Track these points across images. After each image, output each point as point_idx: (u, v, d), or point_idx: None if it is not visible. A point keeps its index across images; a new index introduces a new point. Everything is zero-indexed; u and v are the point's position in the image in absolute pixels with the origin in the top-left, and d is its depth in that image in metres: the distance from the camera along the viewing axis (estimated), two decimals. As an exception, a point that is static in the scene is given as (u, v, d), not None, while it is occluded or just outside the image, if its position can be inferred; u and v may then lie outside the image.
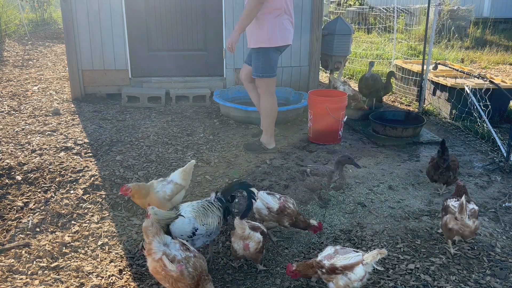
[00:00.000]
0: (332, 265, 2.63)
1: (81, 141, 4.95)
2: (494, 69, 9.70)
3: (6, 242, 3.29)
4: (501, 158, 4.83)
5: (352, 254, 2.65)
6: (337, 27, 6.65)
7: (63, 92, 6.96)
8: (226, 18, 6.57)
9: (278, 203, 3.27)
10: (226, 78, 6.84)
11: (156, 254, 2.50)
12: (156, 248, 2.52)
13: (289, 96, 6.53)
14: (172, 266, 2.46)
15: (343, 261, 2.63)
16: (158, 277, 2.56)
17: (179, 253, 2.54)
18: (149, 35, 6.67)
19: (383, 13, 14.03)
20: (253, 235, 2.91)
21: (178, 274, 2.46)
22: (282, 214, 3.25)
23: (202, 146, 5.05)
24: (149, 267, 2.57)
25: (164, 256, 2.49)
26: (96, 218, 3.61)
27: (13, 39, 11.45)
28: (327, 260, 2.66)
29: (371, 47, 11.21)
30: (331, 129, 5.25)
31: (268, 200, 3.29)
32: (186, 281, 2.48)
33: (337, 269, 2.61)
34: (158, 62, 6.77)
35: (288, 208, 3.26)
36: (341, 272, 2.61)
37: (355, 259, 2.61)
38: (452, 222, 3.08)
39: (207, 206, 3.05)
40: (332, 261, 2.64)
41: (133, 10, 6.50)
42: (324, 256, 2.70)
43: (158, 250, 2.51)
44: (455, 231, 3.09)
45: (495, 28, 13.65)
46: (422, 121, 5.59)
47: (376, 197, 4.02)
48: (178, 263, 2.48)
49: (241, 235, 2.91)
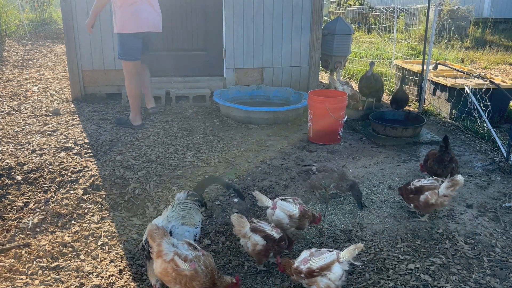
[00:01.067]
0: (309, 269, 2.63)
1: (81, 141, 4.95)
2: (494, 69, 9.70)
3: (6, 242, 3.29)
4: (501, 158, 4.83)
5: (326, 254, 2.65)
6: (337, 27, 6.66)
7: (63, 92, 6.96)
8: (226, 18, 6.57)
9: (298, 208, 3.21)
10: (226, 78, 6.84)
11: (167, 255, 2.47)
12: (166, 249, 2.48)
13: (289, 96, 6.53)
14: (185, 265, 2.45)
15: (319, 262, 2.63)
16: (167, 279, 2.51)
17: (189, 252, 2.53)
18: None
19: (383, 13, 14.03)
20: (252, 236, 2.90)
21: (192, 272, 2.46)
22: (304, 218, 3.21)
23: (202, 146, 5.05)
24: (157, 270, 2.52)
25: (176, 256, 2.47)
26: (96, 218, 3.61)
27: (13, 39, 11.45)
28: (303, 264, 2.66)
29: (371, 47, 11.21)
30: (331, 129, 5.25)
31: (289, 208, 3.21)
32: (201, 278, 2.47)
33: (315, 272, 2.61)
34: (158, 62, 6.77)
35: (308, 211, 3.25)
36: (319, 274, 2.61)
37: (330, 258, 2.62)
38: (434, 198, 3.48)
39: (186, 207, 2.96)
40: (309, 265, 2.64)
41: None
42: (300, 260, 2.71)
43: (169, 251, 2.48)
44: (434, 205, 3.53)
45: (495, 28, 13.65)
46: (422, 121, 5.59)
47: (376, 197, 4.02)
48: (190, 262, 2.48)
49: (238, 232, 2.92)
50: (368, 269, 3.05)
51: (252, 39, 6.71)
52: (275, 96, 6.63)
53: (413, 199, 3.61)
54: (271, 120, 5.83)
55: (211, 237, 3.37)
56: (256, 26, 6.67)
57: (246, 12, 6.58)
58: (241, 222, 2.93)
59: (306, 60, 6.93)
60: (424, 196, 3.52)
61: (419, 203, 3.57)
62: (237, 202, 3.87)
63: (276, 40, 6.77)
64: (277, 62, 6.88)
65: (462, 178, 3.46)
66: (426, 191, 3.53)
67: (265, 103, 6.50)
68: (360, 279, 2.95)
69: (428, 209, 3.57)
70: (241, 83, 6.86)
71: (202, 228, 3.47)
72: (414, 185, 3.63)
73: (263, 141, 5.29)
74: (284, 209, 3.21)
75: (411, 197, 3.63)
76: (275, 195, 4.00)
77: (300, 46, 6.83)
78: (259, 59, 6.82)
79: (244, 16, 6.59)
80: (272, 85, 6.87)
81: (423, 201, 3.53)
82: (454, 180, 3.46)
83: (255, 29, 6.68)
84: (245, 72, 6.86)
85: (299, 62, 6.93)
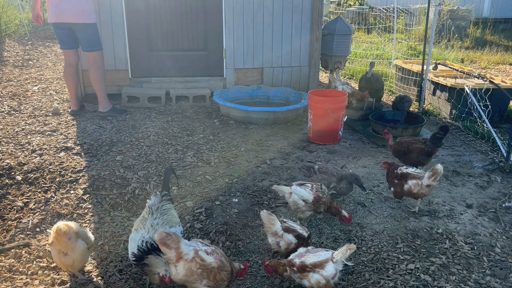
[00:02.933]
0: (302, 263, 2.66)
1: (81, 141, 4.95)
2: (494, 69, 9.70)
3: (6, 242, 3.29)
4: (501, 158, 4.83)
5: (322, 252, 2.69)
6: (337, 27, 6.66)
7: (63, 92, 6.96)
8: (226, 18, 6.57)
9: (312, 194, 3.37)
10: (226, 78, 6.84)
11: (188, 254, 2.49)
12: (186, 249, 2.50)
13: (289, 96, 6.53)
14: (210, 258, 2.49)
15: (313, 258, 2.66)
16: (192, 278, 2.49)
17: (206, 247, 2.56)
18: (149, 35, 6.67)
19: (383, 13, 14.03)
20: (285, 236, 2.94)
21: (219, 263, 2.49)
22: (318, 203, 3.37)
23: (202, 146, 5.05)
24: (180, 273, 2.49)
25: (200, 251, 2.50)
26: (96, 218, 3.61)
27: (13, 39, 11.45)
28: (298, 258, 2.70)
29: (371, 47, 11.21)
30: (331, 129, 5.25)
31: (303, 193, 3.37)
32: (227, 268, 2.51)
33: (307, 267, 2.65)
34: (158, 62, 6.77)
35: (322, 197, 3.37)
36: (311, 270, 2.65)
37: (325, 257, 2.65)
38: (417, 188, 3.62)
39: (165, 209, 2.96)
40: (303, 259, 2.68)
41: (133, 10, 6.50)
42: (296, 255, 2.75)
43: (188, 250, 2.50)
44: (415, 194, 3.66)
45: (495, 28, 13.65)
46: (422, 121, 5.59)
47: (376, 197, 4.02)
48: (211, 254, 2.51)
49: (270, 230, 2.94)
50: (368, 269, 3.05)
51: (252, 39, 6.71)
52: (275, 96, 6.64)
53: (397, 184, 3.75)
54: (271, 120, 5.83)
55: (211, 237, 3.37)
56: (256, 26, 6.67)
57: (246, 12, 6.58)
58: (270, 219, 2.95)
59: (306, 60, 6.93)
60: (407, 186, 3.67)
61: (402, 190, 3.71)
62: (237, 202, 3.87)
63: (276, 40, 6.77)
64: (277, 62, 6.88)
65: (442, 167, 3.59)
66: (411, 179, 3.66)
67: (265, 103, 6.51)
68: (360, 279, 2.95)
69: (409, 196, 3.75)
70: (241, 83, 6.86)
71: (202, 228, 3.48)
72: (401, 170, 3.75)
73: (263, 141, 5.29)
74: (298, 194, 3.38)
75: (395, 182, 3.77)
76: (275, 195, 4.01)
77: (300, 46, 6.83)
78: (259, 59, 6.82)
79: (244, 16, 6.59)
80: (272, 85, 6.87)
81: (407, 190, 3.69)
82: (434, 169, 3.59)
83: (255, 29, 6.68)
84: (245, 72, 6.86)
85: (299, 62, 6.93)
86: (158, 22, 6.64)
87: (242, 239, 3.37)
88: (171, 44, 6.79)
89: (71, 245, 2.71)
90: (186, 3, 6.64)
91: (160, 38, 6.74)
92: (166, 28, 6.71)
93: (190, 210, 3.71)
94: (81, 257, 2.78)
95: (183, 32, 6.78)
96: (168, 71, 6.81)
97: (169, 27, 6.70)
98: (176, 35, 6.78)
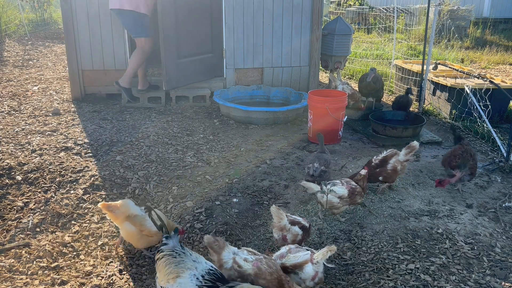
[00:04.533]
0: (283, 265, 2.66)
1: (81, 141, 4.95)
2: (494, 69, 9.70)
3: (6, 242, 3.29)
4: (501, 158, 4.83)
5: (301, 253, 2.67)
6: (337, 27, 6.66)
7: (63, 92, 6.96)
8: (226, 18, 6.57)
9: (346, 188, 3.48)
10: (226, 78, 6.84)
11: (227, 263, 2.54)
12: (226, 257, 2.55)
13: (289, 96, 6.53)
14: (247, 265, 2.51)
15: (292, 260, 2.66)
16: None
17: (249, 256, 2.58)
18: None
19: (383, 13, 14.04)
20: (292, 228, 2.97)
21: (256, 270, 2.49)
22: (353, 195, 3.51)
23: (202, 146, 5.05)
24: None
25: (237, 258, 2.53)
26: (96, 218, 3.61)
27: (13, 39, 11.45)
28: (279, 259, 2.71)
29: (371, 47, 11.21)
30: (331, 129, 5.25)
31: (338, 190, 3.48)
32: (266, 276, 2.49)
33: (288, 268, 2.65)
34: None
35: (356, 188, 3.53)
36: (292, 271, 2.65)
37: (303, 258, 2.63)
38: (399, 164, 3.98)
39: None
40: (283, 260, 2.68)
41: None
42: (277, 255, 2.75)
43: (228, 258, 2.55)
44: (398, 172, 3.99)
45: (495, 28, 13.65)
46: (422, 121, 5.59)
47: (376, 197, 4.02)
48: (251, 262, 2.53)
49: (278, 225, 2.95)
50: (368, 269, 3.05)
51: (252, 39, 6.71)
52: (275, 96, 6.64)
53: (381, 171, 3.98)
54: (271, 120, 5.83)
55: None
56: (256, 26, 6.67)
57: (246, 12, 6.58)
58: (280, 214, 2.96)
59: (306, 60, 6.93)
60: (391, 165, 3.98)
61: (387, 173, 3.97)
62: (237, 202, 3.87)
63: (276, 40, 6.77)
64: (277, 62, 6.88)
65: (418, 143, 3.99)
66: (390, 159, 4.01)
67: (265, 103, 6.51)
68: (360, 279, 2.95)
69: (395, 176, 4.00)
70: (241, 83, 6.86)
71: (202, 228, 3.48)
72: (377, 159, 4.07)
73: (263, 141, 5.29)
74: (333, 193, 3.48)
75: (377, 171, 3.98)
76: (275, 195, 4.01)
77: (300, 46, 6.83)
78: (259, 59, 6.82)
79: (244, 16, 6.58)
80: (272, 85, 6.87)
81: (391, 168, 3.97)
82: (411, 145, 3.99)
83: (255, 29, 6.68)
84: (245, 72, 6.86)
85: (299, 62, 6.93)
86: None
87: (242, 239, 3.37)
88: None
89: (117, 221, 3.05)
90: (186, 4, 6.62)
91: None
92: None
93: (190, 210, 3.71)
94: (127, 236, 3.07)
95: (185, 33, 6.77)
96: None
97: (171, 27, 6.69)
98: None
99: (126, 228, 3.03)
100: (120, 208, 3.01)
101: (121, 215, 3.01)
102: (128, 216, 3.01)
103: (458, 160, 4.09)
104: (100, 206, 3.01)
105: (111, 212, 3.01)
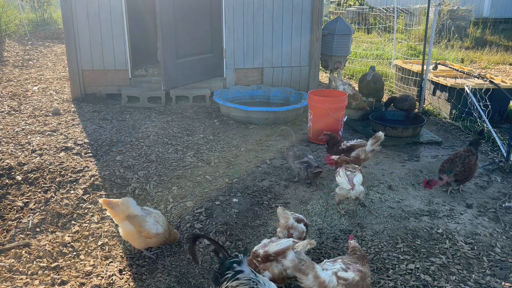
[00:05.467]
0: (266, 253, 2.71)
1: (81, 141, 4.95)
2: (494, 69, 9.70)
3: (6, 242, 3.29)
4: (501, 158, 4.83)
5: (283, 240, 2.75)
6: (337, 27, 6.66)
7: (63, 92, 6.96)
8: (226, 18, 6.57)
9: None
10: (226, 78, 6.84)
11: (332, 282, 2.42)
12: (324, 276, 2.43)
13: (289, 96, 6.53)
14: (350, 275, 2.47)
15: (275, 247, 2.71)
16: None
17: (341, 266, 2.52)
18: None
19: (383, 13, 14.03)
20: (298, 226, 2.99)
21: (359, 274, 2.49)
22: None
23: (202, 146, 5.05)
24: None
25: (339, 272, 2.46)
26: (96, 218, 3.61)
27: (13, 39, 11.45)
28: (261, 249, 2.76)
29: (371, 47, 11.21)
30: (331, 129, 5.23)
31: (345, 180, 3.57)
32: (368, 271, 2.54)
33: (270, 256, 2.69)
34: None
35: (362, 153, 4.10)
36: (274, 259, 2.68)
37: (286, 244, 2.70)
38: (363, 154, 4.21)
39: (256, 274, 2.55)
40: (266, 249, 2.73)
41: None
42: (260, 246, 2.80)
43: (326, 275, 2.43)
44: (363, 160, 4.23)
45: (495, 28, 13.64)
46: (422, 121, 5.59)
47: (376, 197, 4.02)
48: (348, 269, 2.52)
49: (285, 225, 2.98)
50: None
51: (252, 39, 6.71)
52: (275, 96, 6.64)
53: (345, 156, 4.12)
54: (271, 120, 5.83)
55: (211, 237, 3.37)
56: (256, 26, 6.67)
57: (246, 12, 6.58)
58: (286, 214, 2.98)
59: (306, 60, 6.93)
60: (355, 152, 4.22)
61: (350, 159, 4.10)
62: (237, 202, 3.87)
63: (276, 40, 6.78)
64: (277, 62, 6.88)
65: (383, 134, 4.20)
66: (357, 148, 4.25)
67: (265, 103, 6.51)
68: (360, 279, 2.95)
69: (358, 163, 4.10)
70: (241, 83, 6.86)
71: (202, 228, 3.48)
72: (346, 145, 4.33)
73: (263, 141, 5.29)
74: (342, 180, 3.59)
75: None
76: (275, 195, 4.01)
77: (300, 46, 6.83)
78: (259, 59, 6.82)
79: (244, 16, 6.58)
80: (272, 85, 6.87)
81: (355, 156, 4.20)
82: (376, 136, 4.20)
83: (255, 29, 6.68)
84: (245, 72, 6.86)
85: (299, 62, 6.93)
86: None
87: (242, 239, 3.37)
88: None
89: (116, 218, 3.08)
90: (186, 4, 6.63)
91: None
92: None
93: (190, 210, 3.71)
94: (125, 235, 3.09)
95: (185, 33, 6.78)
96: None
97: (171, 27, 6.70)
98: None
99: (125, 227, 3.03)
100: (121, 205, 3.02)
101: (121, 213, 3.02)
102: (128, 216, 3.01)
103: (446, 164, 4.05)
104: (101, 202, 3.03)
105: (112, 209, 3.03)
